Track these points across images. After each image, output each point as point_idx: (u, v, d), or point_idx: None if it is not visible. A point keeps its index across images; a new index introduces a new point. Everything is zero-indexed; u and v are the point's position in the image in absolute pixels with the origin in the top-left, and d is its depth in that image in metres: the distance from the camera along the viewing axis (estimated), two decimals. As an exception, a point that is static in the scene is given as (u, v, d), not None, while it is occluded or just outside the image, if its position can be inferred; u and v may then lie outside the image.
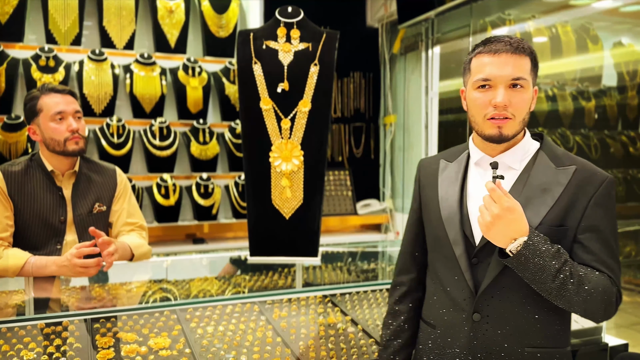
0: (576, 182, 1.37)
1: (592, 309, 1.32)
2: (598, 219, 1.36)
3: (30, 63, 3.72)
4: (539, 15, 4.63)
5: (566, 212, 1.36)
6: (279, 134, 2.29)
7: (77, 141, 2.20)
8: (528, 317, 1.39)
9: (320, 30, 2.29)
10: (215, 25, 4.24)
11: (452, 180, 1.50)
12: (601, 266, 1.35)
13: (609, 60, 5.09)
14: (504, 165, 1.44)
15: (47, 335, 1.83)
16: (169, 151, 4.03)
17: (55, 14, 3.77)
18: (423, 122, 4.70)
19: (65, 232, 2.24)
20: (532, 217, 1.36)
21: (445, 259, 1.48)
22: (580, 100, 5.01)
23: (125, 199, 2.41)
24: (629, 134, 5.05)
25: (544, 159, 1.42)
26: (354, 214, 4.71)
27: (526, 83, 1.37)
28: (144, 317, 2.03)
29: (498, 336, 1.40)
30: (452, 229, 1.44)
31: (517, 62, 1.36)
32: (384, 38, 5.02)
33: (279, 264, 2.66)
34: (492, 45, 1.38)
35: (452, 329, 1.47)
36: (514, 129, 1.38)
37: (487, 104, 1.38)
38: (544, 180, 1.39)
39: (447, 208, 1.47)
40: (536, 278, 1.31)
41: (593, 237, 1.36)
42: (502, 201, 1.28)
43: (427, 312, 1.57)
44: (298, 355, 1.79)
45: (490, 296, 1.40)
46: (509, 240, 1.30)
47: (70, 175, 2.28)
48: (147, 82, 4.01)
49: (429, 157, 1.65)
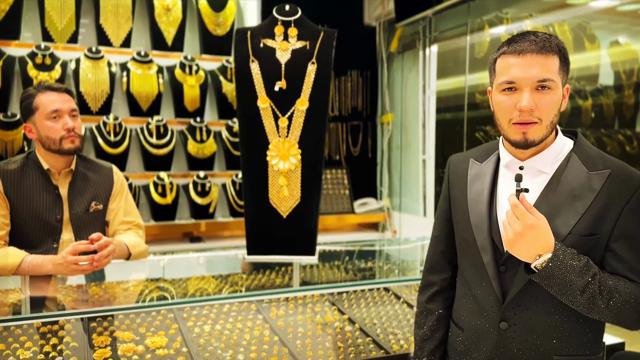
0: (610, 187, 1.30)
1: (625, 319, 1.28)
2: (632, 226, 1.30)
3: (26, 61, 3.70)
4: (536, 14, 4.63)
5: (598, 220, 1.30)
6: (276, 133, 2.29)
7: (73, 140, 2.19)
8: (556, 326, 1.35)
9: (317, 28, 2.29)
10: (212, 23, 4.23)
11: (481, 184, 1.45)
12: (633, 275, 1.30)
13: (605, 59, 5.10)
14: (534, 169, 1.37)
15: (43, 334, 1.82)
16: (165, 149, 4.02)
17: (51, 11, 3.76)
18: (420, 120, 4.70)
19: (62, 231, 2.23)
20: (561, 227, 1.30)
21: (473, 264, 1.43)
22: (577, 99, 5.01)
23: (122, 197, 2.39)
24: (625, 132, 5.06)
25: (576, 162, 1.34)
26: (352, 212, 4.72)
27: (554, 84, 1.29)
28: (140, 316, 2.02)
29: (525, 344, 1.37)
30: (480, 234, 1.40)
31: (543, 62, 1.28)
32: (382, 36, 5.02)
33: (276, 262, 2.65)
34: (516, 45, 1.30)
35: (479, 335, 1.44)
36: (541, 134, 1.31)
37: (512, 107, 1.30)
38: (575, 185, 1.32)
39: (476, 213, 1.42)
40: (563, 292, 1.27)
41: (626, 245, 1.30)
42: (525, 218, 1.24)
43: (456, 313, 1.54)
44: (295, 354, 1.79)
45: (517, 305, 1.36)
46: (534, 256, 1.26)
47: (67, 173, 2.27)
48: (143, 80, 3.99)
49: (459, 155, 1.58)
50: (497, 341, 1.39)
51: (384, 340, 1.94)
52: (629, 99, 5.12)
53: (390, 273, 2.95)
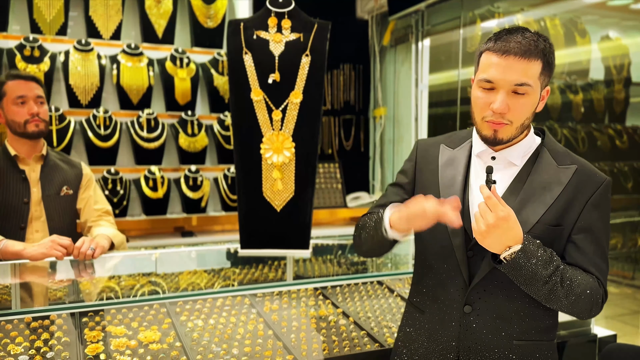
0: (575, 182, 1.37)
1: (579, 309, 1.35)
2: (593, 220, 1.37)
3: (14, 53, 3.65)
4: (528, 8, 4.63)
5: (563, 212, 1.37)
6: (270, 126, 2.27)
7: (37, 124, 2.37)
8: (518, 311, 1.40)
9: (311, 20, 2.27)
10: (203, 15, 4.19)
11: (454, 169, 1.48)
12: (591, 267, 1.37)
13: (596, 54, 5.12)
14: (505, 160, 1.42)
15: (34, 329, 1.80)
16: (156, 143, 3.99)
17: (40, 3, 3.70)
18: (413, 114, 4.70)
19: (29, 212, 2.38)
20: (530, 215, 1.36)
21: (441, 248, 1.47)
22: (568, 93, 5.03)
23: (91, 188, 2.58)
24: (615, 127, 5.09)
25: (546, 157, 1.41)
26: (344, 206, 4.70)
27: (531, 89, 1.32)
28: (133, 311, 2.00)
29: (487, 328, 1.42)
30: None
31: (525, 67, 1.30)
32: (374, 30, 5.00)
33: (270, 256, 2.64)
34: (502, 43, 1.32)
35: (442, 318, 1.47)
36: (510, 134, 1.37)
37: (486, 106, 1.35)
38: (545, 178, 1.38)
39: (448, 196, 1.43)
40: (528, 282, 1.32)
41: (587, 238, 1.37)
42: (498, 210, 1.27)
43: (416, 297, 1.56)
44: (290, 348, 1.78)
45: (482, 289, 1.41)
46: (503, 247, 1.30)
47: (38, 158, 2.45)
48: (134, 73, 3.95)
49: (428, 139, 1.62)
50: (460, 325, 1.43)
51: (378, 333, 1.94)
52: (619, 94, 5.15)
53: (383, 267, 2.95)
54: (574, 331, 2.26)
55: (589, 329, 2.30)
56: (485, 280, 1.40)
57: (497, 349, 1.41)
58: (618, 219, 5.09)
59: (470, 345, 1.43)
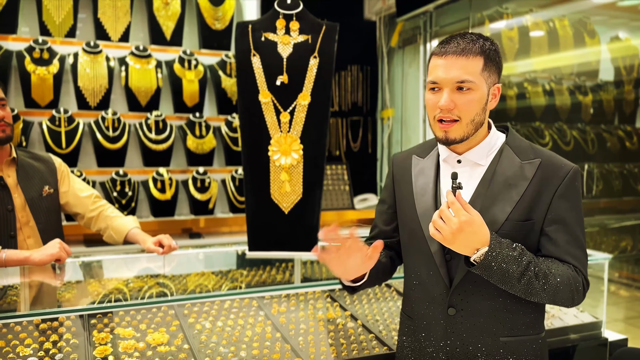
0: (541, 175, 1.40)
1: (560, 299, 1.37)
2: (563, 210, 1.39)
3: (24, 55, 3.67)
4: (537, 9, 4.61)
5: (532, 206, 1.39)
6: (278, 128, 2.27)
7: (3, 129, 2.24)
8: (500, 309, 1.43)
9: (319, 22, 2.26)
10: (211, 17, 4.19)
11: (426, 177, 1.53)
12: (567, 257, 1.39)
13: (605, 55, 5.09)
14: (471, 162, 1.46)
15: (43, 331, 1.80)
16: (164, 145, 3.99)
17: (49, 5, 3.72)
18: (421, 116, 4.68)
19: (17, 219, 2.27)
20: (499, 214, 1.39)
21: (421, 254, 1.50)
22: (577, 94, 5.00)
23: (69, 178, 2.48)
24: (625, 128, 5.05)
25: (509, 154, 1.44)
26: (351, 208, 4.69)
27: (474, 85, 1.37)
28: (141, 313, 2.01)
29: (473, 328, 1.44)
30: (427, 225, 1.44)
31: (463, 64, 1.36)
32: (382, 31, 4.99)
33: (277, 258, 2.63)
34: (443, 46, 1.40)
35: (429, 323, 1.50)
36: (462, 132, 1.40)
37: (435, 105, 1.40)
38: (509, 175, 1.41)
39: (422, 204, 1.49)
40: (503, 281, 1.34)
41: (559, 229, 1.40)
42: (460, 214, 1.30)
43: (406, 306, 1.60)
44: (298, 351, 1.77)
45: (463, 290, 1.44)
46: (472, 250, 1.33)
47: (10, 162, 2.31)
48: (142, 74, 3.96)
49: (402, 153, 1.68)
50: (446, 327, 1.46)
51: (387, 336, 1.93)
52: (629, 95, 5.12)
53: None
54: (585, 335, 2.24)
55: (600, 332, 2.28)
56: (465, 282, 1.43)
57: (484, 348, 1.43)
58: (628, 221, 5.05)
59: (458, 346, 1.45)
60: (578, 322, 2.24)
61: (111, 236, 2.45)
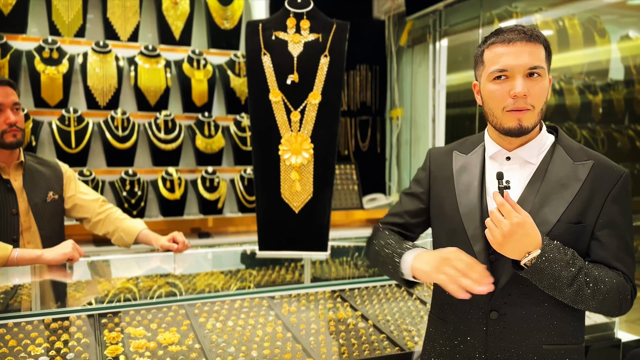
0: (593, 177, 1.35)
1: (609, 308, 1.32)
2: (615, 214, 1.35)
3: (33, 55, 3.68)
4: (546, 8, 4.58)
5: (584, 209, 1.33)
6: (288, 127, 2.26)
7: (15, 134, 2.22)
8: (545, 315, 1.37)
9: (330, 20, 2.25)
10: (220, 17, 4.19)
11: (470, 174, 1.46)
12: (617, 263, 1.34)
13: (616, 54, 5.04)
14: (521, 159, 1.40)
15: (54, 330, 1.81)
16: (174, 144, 4.00)
17: (58, 5, 3.73)
18: (430, 115, 4.66)
19: (19, 223, 2.25)
20: (550, 215, 1.33)
21: None
22: (587, 94, 4.96)
23: (74, 182, 2.48)
24: (635, 128, 5.01)
25: (561, 153, 1.39)
26: (360, 208, 4.68)
27: (543, 72, 1.33)
28: (151, 312, 2.00)
29: (515, 334, 1.38)
30: (471, 224, 1.40)
31: (532, 50, 1.32)
32: (391, 30, 4.97)
33: (286, 258, 2.63)
34: (505, 34, 1.34)
35: (467, 326, 1.44)
36: (533, 120, 1.34)
37: (505, 95, 1.33)
38: (562, 175, 1.36)
39: (465, 203, 1.43)
40: (552, 286, 1.29)
41: (611, 234, 1.34)
42: (512, 217, 1.24)
43: (438, 308, 1.54)
44: (309, 351, 1.76)
45: (508, 294, 1.38)
46: (522, 253, 1.27)
47: (17, 166, 2.30)
48: (151, 74, 3.97)
49: (440, 148, 1.61)
50: (487, 331, 1.40)
51: (398, 337, 1.91)
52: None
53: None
54: (597, 335, 2.22)
55: (613, 333, 2.25)
56: (510, 285, 1.37)
57: (525, 355, 1.38)
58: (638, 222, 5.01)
59: (499, 352, 1.39)
60: (591, 323, 2.21)
61: (121, 238, 2.45)
